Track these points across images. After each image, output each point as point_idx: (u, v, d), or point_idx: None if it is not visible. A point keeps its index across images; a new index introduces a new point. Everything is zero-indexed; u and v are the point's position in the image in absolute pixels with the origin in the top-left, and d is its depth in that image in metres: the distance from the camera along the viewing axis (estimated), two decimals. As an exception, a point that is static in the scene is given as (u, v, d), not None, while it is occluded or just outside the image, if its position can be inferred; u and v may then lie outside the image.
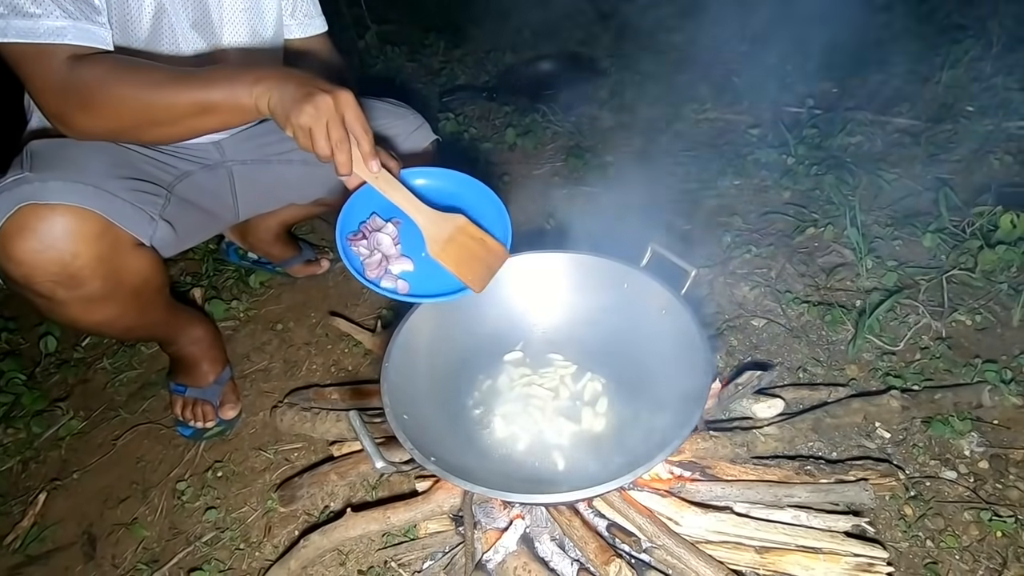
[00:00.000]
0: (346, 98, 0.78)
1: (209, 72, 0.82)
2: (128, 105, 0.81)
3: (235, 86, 0.80)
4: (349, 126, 0.79)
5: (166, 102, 0.81)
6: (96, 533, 1.12)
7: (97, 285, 0.90)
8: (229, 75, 0.81)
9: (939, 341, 1.20)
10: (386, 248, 0.89)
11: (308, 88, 0.77)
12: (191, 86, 0.81)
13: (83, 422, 1.32)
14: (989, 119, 1.70)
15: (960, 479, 0.99)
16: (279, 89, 0.79)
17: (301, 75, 0.80)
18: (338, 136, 0.78)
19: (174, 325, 1.17)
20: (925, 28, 2.14)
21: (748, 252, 1.45)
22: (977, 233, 1.33)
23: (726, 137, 1.87)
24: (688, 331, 0.85)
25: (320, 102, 0.76)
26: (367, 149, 0.81)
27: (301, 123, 0.77)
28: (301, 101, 0.76)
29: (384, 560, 0.98)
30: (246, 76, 0.80)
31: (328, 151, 0.78)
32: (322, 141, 0.77)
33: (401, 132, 1.23)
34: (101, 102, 0.80)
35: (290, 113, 0.77)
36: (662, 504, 0.89)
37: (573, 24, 2.51)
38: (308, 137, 0.77)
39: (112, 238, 0.89)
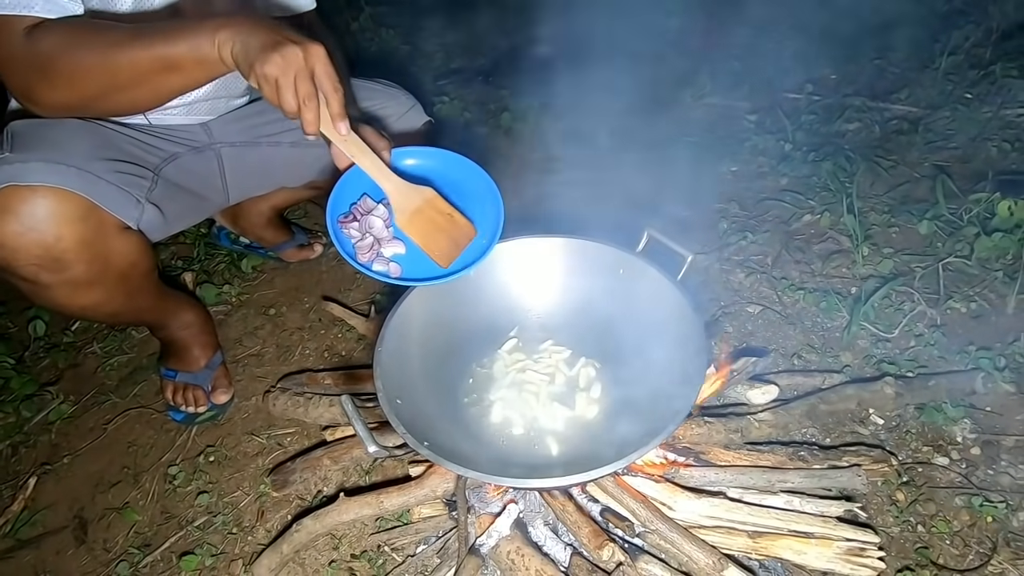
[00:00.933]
0: (316, 51, 0.73)
1: (170, 25, 0.77)
2: (89, 69, 0.77)
3: (197, 36, 0.75)
4: (318, 81, 0.74)
5: (127, 61, 0.76)
6: (87, 517, 1.11)
7: (82, 269, 0.88)
8: (191, 26, 0.76)
9: (934, 328, 1.20)
10: (378, 231, 0.87)
11: (276, 37, 0.73)
12: (152, 41, 0.76)
13: (73, 406, 1.31)
14: (987, 106, 1.69)
15: (952, 465, 1.00)
16: (244, 36, 0.74)
17: (269, 23, 0.75)
18: (306, 91, 0.73)
19: (163, 310, 1.15)
20: (924, 14, 2.12)
21: (745, 238, 1.45)
22: (974, 220, 1.33)
23: (724, 123, 1.85)
24: (684, 317, 0.84)
25: (288, 52, 0.72)
26: (336, 109, 0.77)
27: (266, 72, 0.72)
28: (268, 49, 0.72)
29: (377, 544, 0.98)
30: (208, 24, 0.75)
31: (294, 106, 0.74)
32: (289, 94, 0.73)
33: (393, 113, 1.22)
34: (62, 70, 0.76)
35: (255, 61, 0.72)
36: (656, 489, 0.89)
37: (572, 7, 2.48)
38: (274, 89, 0.73)
39: (96, 221, 0.87)
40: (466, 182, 0.92)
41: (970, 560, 0.89)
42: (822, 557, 0.84)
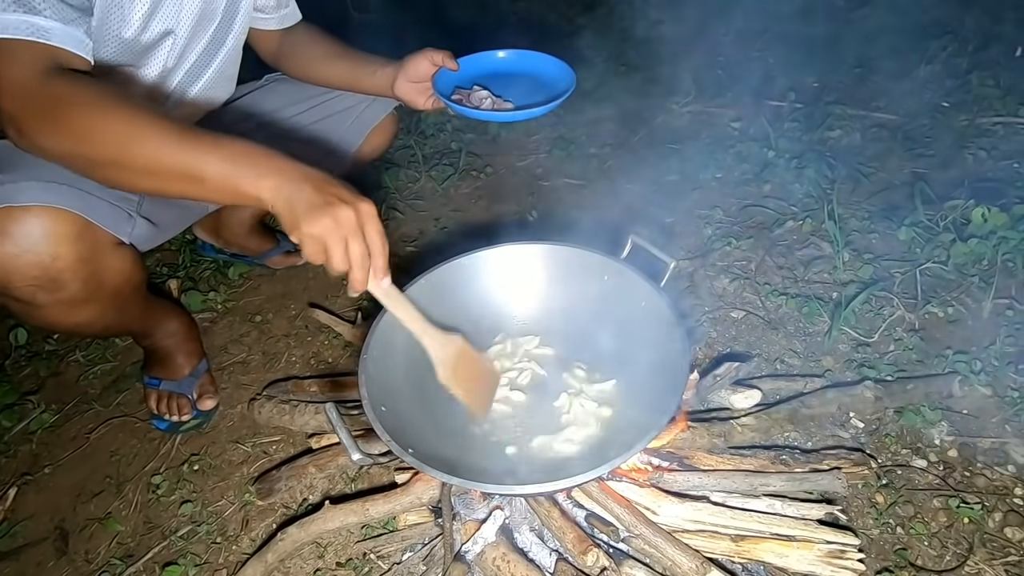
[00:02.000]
0: (368, 210, 0.71)
1: (213, 138, 0.71)
2: (105, 138, 0.70)
3: (240, 168, 0.70)
4: (369, 241, 0.71)
5: (151, 152, 0.70)
6: (68, 528, 1.10)
7: (78, 287, 0.87)
8: (237, 152, 0.71)
9: (912, 333, 1.22)
10: (491, 97, 1.07)
11: (326, 196, 0.69)
12: (187, 146, 0.70)
13: (55, 415, 1.29)
14: (964, 115, 1.73)
15: (930, 467, 1.02)
16: (293, 190, 0.69)
17: (319, 176, 0.71)
18: (359, 253, 0.70)
19: (150, 320, 1.15)
20: (904, 24, 2.17)
21: (728, 244, 1.47)
22: (950, 227, 1.36)
23: (709, 130, 1.87)
24: (667, 322, 0.85)
25: (340, 214, 0.68)
26: (381, 264, 0.74)
27: (314, 234, 0.68)
28: (318, 210, 0.68)
29: (363, 552, 0.98)
30: (257, 162, 0.70)
31: (343, 267, 0.71)
32: (338, 257, 0.69)
33: (361, 101, 1.23)
34: (72, 122, 0.70)
35: (302, 221, 0.68)
36: (640, 494, 0.89)
37: (558, 15, 2.50)
38: (321, 250, 0.69)
39: (92, 238, 0.86)
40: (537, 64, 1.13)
41: (947, 561, 0.91)
42: (804, 560, 0.85)
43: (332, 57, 1.16)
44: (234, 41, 1.08)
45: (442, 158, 1.88)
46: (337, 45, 1.17)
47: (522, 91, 1.10)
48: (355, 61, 1.15)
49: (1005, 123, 1.69)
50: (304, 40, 1.18)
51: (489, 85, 1.12)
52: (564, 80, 1.08)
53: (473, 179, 1.81)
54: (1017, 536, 0.92)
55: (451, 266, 0.98)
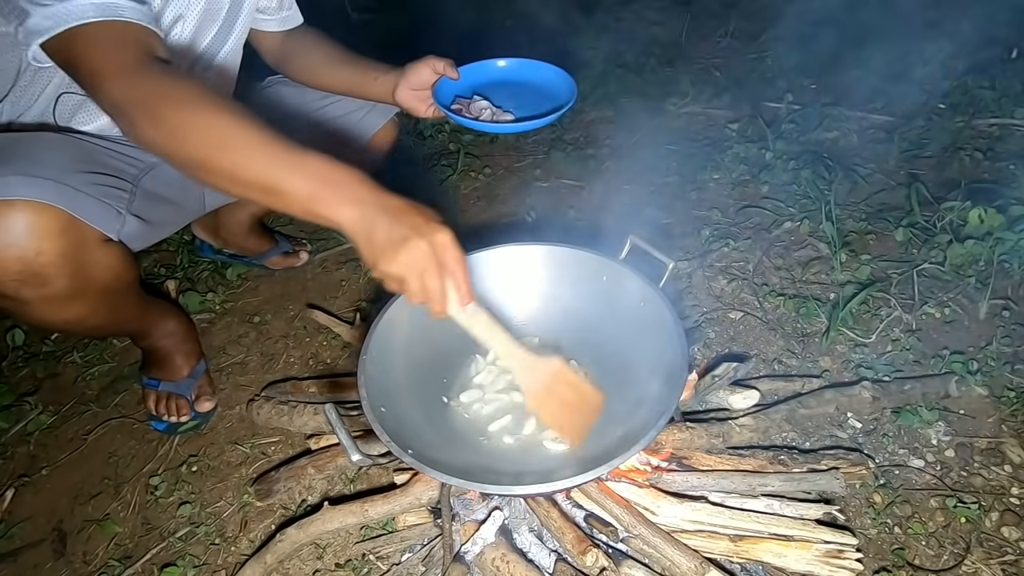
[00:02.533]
0: (444, 240, 0.70)
1: (299, 155, 0.70)
2: (193, 138, 0.71)
3: (321, 192, 0.69)
4: (448, 271, 0.71)
5: (237, 161, 0.71)
6: (66, 530, 1.09)
7: (64, 283, 0.87)
8: (321, 173, 0.70)
9: (909, 333, 1.23)
10: (490, 107, 1.07)
11: (404, 229, 0.68)
12: (273, 161, 0.70)
13: (52, 417, 1.29)
14: (960, 116, 1.73)
15: (927, 467, 1.02)
16: (372, 222, 0.69)
17: (397, 206, 0.70)
18: (436, 287, 0.70)
19: (146, 320, 1.14)
20: (900, 26, 2.18)
21: (726, 245, 1.47)
22: (947, 228, 1.37)
23: (706, 131, 1.88)
24: (665, 323, 0.86)
25: (415, 250, 0.68)
26: (463, 290, 0.73)
27: (392, 272, 0.69)
28: (395, 247, 0.68)
29: (362, 553, 0.98)
30: (339, 187, 0.70)
31: (422, 300, 0.71)
32: (415, 291, 0.70)
33: (362, 107, 1.23)
34: (167, 119, 0.71)
35: (379, 259, 0.69)
36: (639, 494, 0.90)
37: (556, 17, 2.51)
38: (399, 286, 0.71)
39: (77, 234, 0.86)
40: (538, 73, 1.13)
41: (945, 560, 0.91)
42: (802, 559, 0.85)
43: (334, 62, 1.17)
44: (236, 41, 1.09)
45: (440, 159, 1.88)
46: (339, 50, 1.18)
47: (523, 100, 1.10)
48: (357, 67, 1.15)
49: (1001, 125, 1.70)
50: (307, 44, 1.19)
51: (490, 94, 1.12)
52: (565, 91, 1.09)
53: (471, 180, 1.81)
54: (1014, 535, 0.93)
55: (450, 267, 0.98)
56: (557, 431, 0.82)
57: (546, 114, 1.03)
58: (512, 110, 1.10)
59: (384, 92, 1.13)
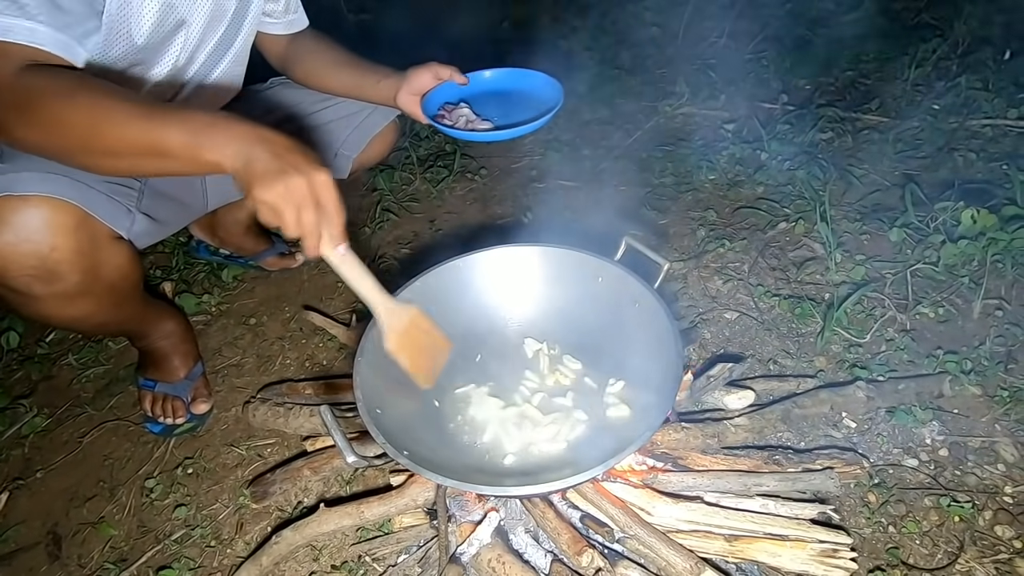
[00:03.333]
0: (321, 179, 0.71)
1: (175, 112, 0.72)
2: (73, 124, 0.71)
3: (202, 137, 0.71)
4: (324, 210, 0.72)
5: (117, 130, 0.71)
6: (61, 533, 1.09)
7: (75, 279, 0.87)
8: (196, 122, 0.72)
9: (903, 333, 1.23)
10: (467, 116, 1.09)
11: (280, 163, 0.70)
12: (150, 122, 0.71)
13: (48, 419, 1.29)
14: (954, 117, 1.74)
15: (921, 466, 1.03)
16: (251, 154, 0.70)
17: (279, 141, 0.72)
18: (310, 221, 0.71)
19: (147, 320, 1.14)
20: (894, 27, 2.19)
21: (722, 246, 1.47)
22: (940, 228, 1.37)
23: (701, 132, 1.88)
24: (661, 324, 0.86)
25: (292, 183, 0.69)
26: (336, 231, 0.75)
27: (266, 200, 0.70)
28: (273, 177, 0.69)
29: (358, 555, 0.98)
30: (218, 130, 0.71)
31: (294, 232, 0.72)
32: (290, 222, 0.71)
33: (363, 108, 1.23)
34: (44, 115, 0.71)
35: (255, 186, 0.69)
36: (634, 495, 0.90)
37: (553, 19, 2.51)
38: (274, 215, 0.71)
39: (90, 230, 0.86)
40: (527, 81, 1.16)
41: (939, 559, 0.92)
42: (796, 559, 0.85)
43: (337, 65, 1.17)
44: (242, 43, 1.09)
45: (437, 160, 1.88)
46: (343, 53, 1.18)
47: (510, 109, 1.11)
48: (360, 70, 1.15)
49: (994, 125, 1.71)
50: (311, 47, 1.19)
51: (481, 103, 1.13)
52: (552, 98, 1.09)
53: (468, 181, 1.81)
54: (1007, 534, 0.93)
55: (446, 268, 0.98)
56: (411, 370, 0.88)
57: (526, 122, 1.04)
58: (498, 118, 1.10)
59: (386, 96, 1.13)
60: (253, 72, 1.24)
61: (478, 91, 1.14)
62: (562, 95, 1.09)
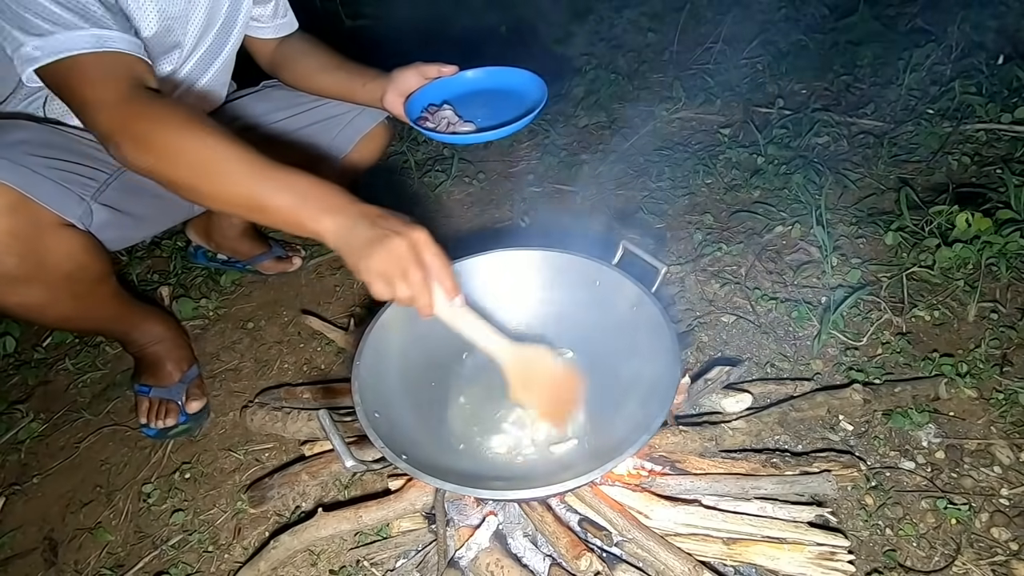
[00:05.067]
0: (422, 238, 0.72)
1: (282, 174, 0.75)
2: (185, 164, 0.75)
3: (304, 205, 0.73)
4: (429, 266, 0.73)
5: (224, 182, 0.75)
6: (58, 538, 1.09)
7: (12, 262, 0.86)
8: (304, 188, 0.74)
9: (899, 336, 1.24)
10: (449, 118, 1.07)
11: (380, 230, 0.71)
12: (259, 181, 0.74)
13: (44, 425, 1.28)
14: (948, 121, 1.76)
15: (918, 469, 1.03)
16: (350, 228, 0.72)
17: (374, 212, 0.74)
18: (419, 281, 0.72)
19: (126, 321, 1.14)
20: (889, 32, 2.20)
21: (719, 250, 1.48)
22: (935, 232, 1.38)
23: (698, 136, 1.89)
24: (658, 327, 0.86)
25: (394, 246, 0.70)
26: (449, 286, 0.75)
27: (375, 269, 0.71)
28: (374, 246, 0.70)
29: (356, 559, 0.98)
30: (321, 200, 0.74)
31: (408, 297, 0.73)
32: (401, 288, 0.72)
33: (351, 110, 1.24)
34: (157, 144, 0.75)
35: (361, 259, 0.71)
36: (632, 498, 0.90)
37: (550, 23, 2.52)
38: (385, 285, 0.72)
39: (29, 214, 0.85)
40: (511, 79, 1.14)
41: (936, 561, 0.92)
42: (794, 562, 0.86)
43: (326, 68, 1.17)
44: (230, 51, 1.09)
45: (434, 164, 1.89)
46: (331, 56, 1.18)
47: (496, 109, 1.09)
48: (348, 72, 1.15)
49: (988, 129, 1.72)
50: (299, 50, 1.19)
51: (465, 103, 1.12)
52: (536, 97, 1.07)
53: (465, 185, 1.82)
54: (1003, 536, 0.93)
55: (444, 272, 0.98)
56: (544, 417, 0.85)
57: (508, 123, 1.02)
58: (481, 119, 1.09)
59: (373, 97, 1.13)
60: (246, 75, 1.24)
61: (462, 91, 1.13)
62: (546, 93, 1.07)
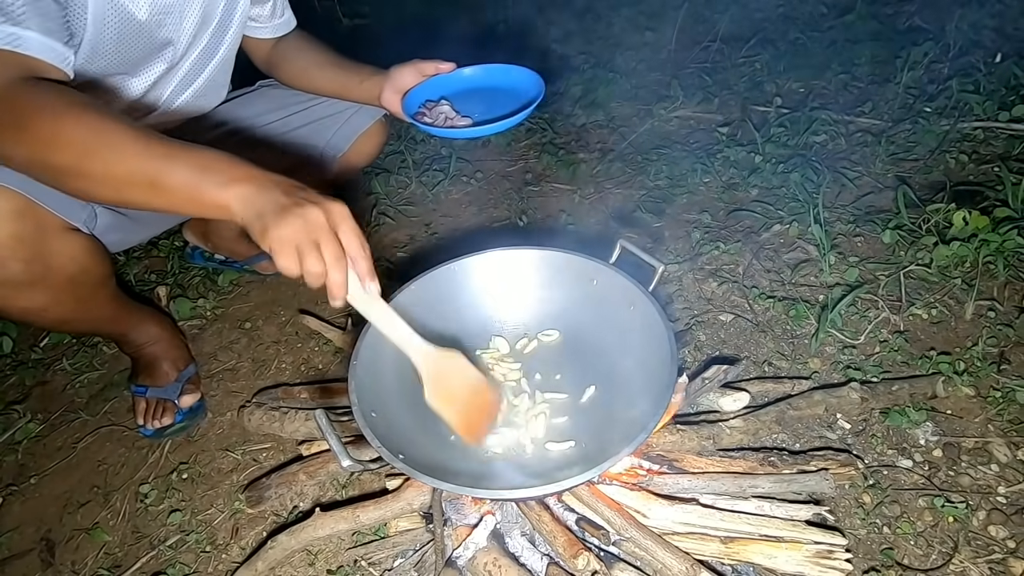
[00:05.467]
0: (340, 209, 0.67)
1: (179, 146, 0.69)
2: (67, 144, 0.68)
3: (204, 177, 0.67)
4: (345, 242, 0.67)
5: (114, 158, 0.68)
6: (55, 539, 1.08)
7: (19, 267, 0.85)
8: (201, 160, 0.68)
9: (897, 334, 1.24)
10: (447, 113, 1.08)
11: (294, 198, 0.66)
12: (152, 153, 0.68)
13: (41, 425, 1.28)
14: (945, 120, 1.76)
15: (915, 467, 1.03)
16: (259, 195, 0.66)
17: (288, 182, 0.68)
18: (334, 254, 0.66)
19: (124, 322, 1.14)
20: (886, 30, 2.21)
21: (716, 249, 1.48)
22: (932, 230, 1.38)
23: (696, 135, 1.89)
24: (655, 326, 0.86)
25: (310, 214, 0.65)
26: (364, 268, 0.69)
27: (284, 236, 0.65)
28: (286, 212, 0.65)
29: (354, 559, 0.97)
30: (223, 169, 0.68)
31: (320, 270, 0.66)
32: (312, 259, 0.65)
33: (348, 108, 1.24)
34: (36, 130, 0.68)
35: (269, 226, 0.65)
36: (630, 497, 0.90)
37: (547, 21, 2.52)
38: (293, 254, 0.65)
39: (35, 218, 0.85)
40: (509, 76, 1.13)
41: (933, 560, 0.92)
42: (792, 560, 0.86)
43: (322, 66, 1.17)
44: (227, 51, 1.09)
45: (432, 163, 1.89)
46: (328, 54, 1.18)
47: (492, 105, 1.09)
48: (344, 70, 1.15)
49: (985, 127, 1.72)
50: (296, 48, 1.19)
51: (462, 100, 1.12)
52: (531, 94, 1.07)
53: (463, 184, 1.82)
54: (1001, 534, 0.93)
55: (441, 272, 0.98)
56: (455, 424, 0.79)
57: (505, 117, 1.02)
58: (478, 115, 1.09)
59: (370, 95, 1.13)
60: (242, 75, 1.24)
61: (460, 88, 1.13)
62: (543, 89, 1.06)
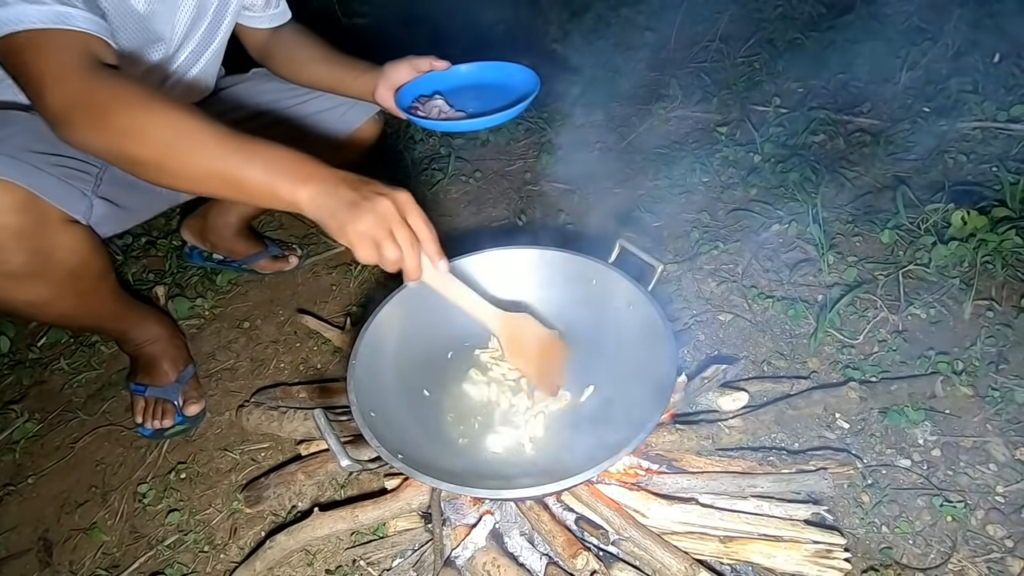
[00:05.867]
0: (406, 198, 0.72)
1: (255, 145, 0.73)
2: (151, 140, 0.71)
3: (278, 175, 0.72)
4: (414, 227, 0.73)
5: (196, 156, 0.72)
6: (52, 539, 1.08)
7: (21, 260, 0.85)
8: (276, 159, 0.72)
9: (895, 334, 1.24)
10: (440, 107, 1.08)
11: (363, 192, 0.71)
12: (229, 154, 0.72)
13: (39, 425, 1.28)
14: (944, 120, 1.76)
15: (914, 467, 1.03)
16: (331, 193, 0.71)
17: (352, 177, 0.73)
18: (408, 240, 0.71)
19: (124, 319, 1.13)
20: (885, 30, 2.21)
21: (715, 248, 1.48)
22: (931, 230, 1.38)
23: (695, 135, 1.89)
24: (655, 326, 0.86)
25: (379, 206, 0.70)
26: (434, 250, 0.76)
27: (361, 231, 0.70)
28: (357, 207, 0.69)
29: (353, 559, 0.97)
30: (295, 169, 0.72)
31: (398, 257, 0.72)
32: (390, 248, 0.71)
33: (343, 103, 1.23)
34: (120, 122, 0.71)
35: (346, 222, 0.70)
36: (629, 497, 0.90)
37: (547, 22, 2.52)
38: (372, 246, 0.71)
39: (37, 211, 0.84)
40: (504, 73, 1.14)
41: (931, 559, 0.92)
42: (791, 560, 0.86)
43: (317, 60, 1.16)
44: (221, 40, 1.09)
45: (431, 163, 1.88)
46: (323, 48, 1.17)
47: (488, 100, 1.09)
48: (339, 65, 1.15)
49: (984, 127, 1.72)
50: (291, 41, 1.19)
51: (457, 95, 1.12)
52: (527, 89, 1.07)
53: (462, 184, 1.81)
54: (999, 533, 0.94)
55: (440, 271, 0.98)
56: (536, 381, 0.87)
57: (499, 110, 1.02)
58: (473, 110, 1.08)
59: (364, 91, 1.13)
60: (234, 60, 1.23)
61: (454, 85, 1.13)
62: (539, 84, 1.06)
